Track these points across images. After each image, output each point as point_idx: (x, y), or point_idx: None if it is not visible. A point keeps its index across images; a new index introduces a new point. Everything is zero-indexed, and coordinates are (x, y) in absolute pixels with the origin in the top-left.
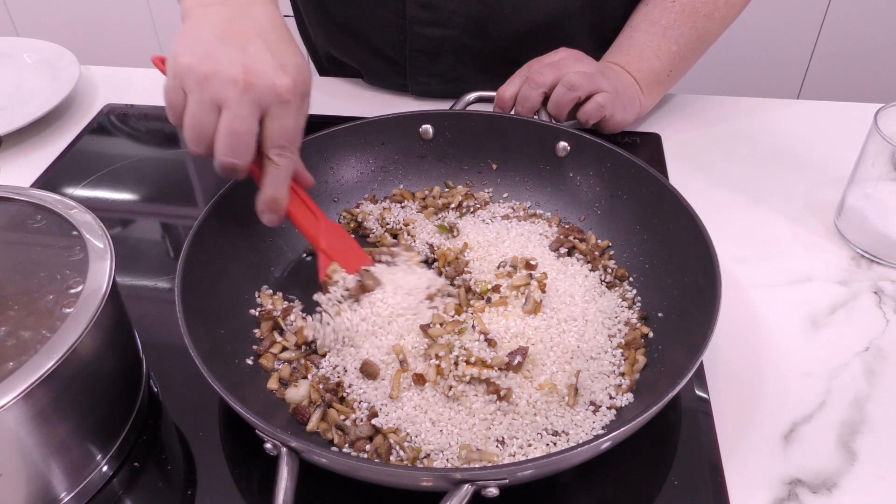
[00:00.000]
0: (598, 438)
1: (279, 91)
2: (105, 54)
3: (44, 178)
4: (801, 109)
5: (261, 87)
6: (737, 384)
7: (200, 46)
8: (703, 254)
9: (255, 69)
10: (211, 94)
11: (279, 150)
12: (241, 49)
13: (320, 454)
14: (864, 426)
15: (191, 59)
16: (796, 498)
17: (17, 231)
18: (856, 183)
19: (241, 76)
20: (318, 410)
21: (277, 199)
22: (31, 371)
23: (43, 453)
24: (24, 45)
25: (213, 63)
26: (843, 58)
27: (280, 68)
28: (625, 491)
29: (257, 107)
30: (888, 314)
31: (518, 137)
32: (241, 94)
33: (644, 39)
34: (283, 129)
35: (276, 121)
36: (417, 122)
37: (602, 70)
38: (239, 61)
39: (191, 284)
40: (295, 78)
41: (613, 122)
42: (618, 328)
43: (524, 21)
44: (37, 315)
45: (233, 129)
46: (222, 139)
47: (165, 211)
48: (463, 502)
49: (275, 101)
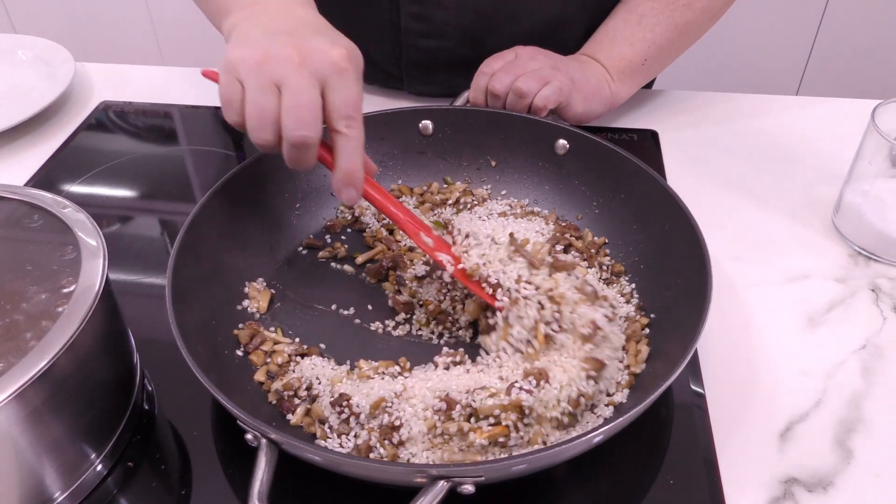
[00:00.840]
0: (588, 434)
1: (335, 60)
2: (101, 51)
3: (39, 176)
4: (800, 106)
5: (316, 59)
6: (733, 382)
7: (250, 42)
8: (697, 254)
9: (307, 46)
10: (269, 76)
11: (347, 121)
12: (291, 35)
13: (298, 446)
14: (861, 425)
15: (242, 51)
16: (792, 497)
17: (10, 230)
18: (853, 180)
19: (296, 54)
20: (303, 406)
21: (353, 171)
22: (23, 371)
23: (36, 453)
24: (20, 42)
25: (265, 49)
26: (842, 54)
27: (332, 42)
28: (620, 488)
29: (316, 78)
30: (885, 312)
31: (518, 135)
32: (297, 68)
33: (618, 27)
34: (347, 99)
35: (337, 91)
36: (417, 118)
37: (557, 64)
38: (290, 43)
39: (183, 275)
40: (349, 49)
41: (573, 112)
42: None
43: (519, 30)
44: (29, 314)
45: (297, 103)
46: (288, 116)
47: (162, 208)
48: (437, 499)
49: (333, 71)
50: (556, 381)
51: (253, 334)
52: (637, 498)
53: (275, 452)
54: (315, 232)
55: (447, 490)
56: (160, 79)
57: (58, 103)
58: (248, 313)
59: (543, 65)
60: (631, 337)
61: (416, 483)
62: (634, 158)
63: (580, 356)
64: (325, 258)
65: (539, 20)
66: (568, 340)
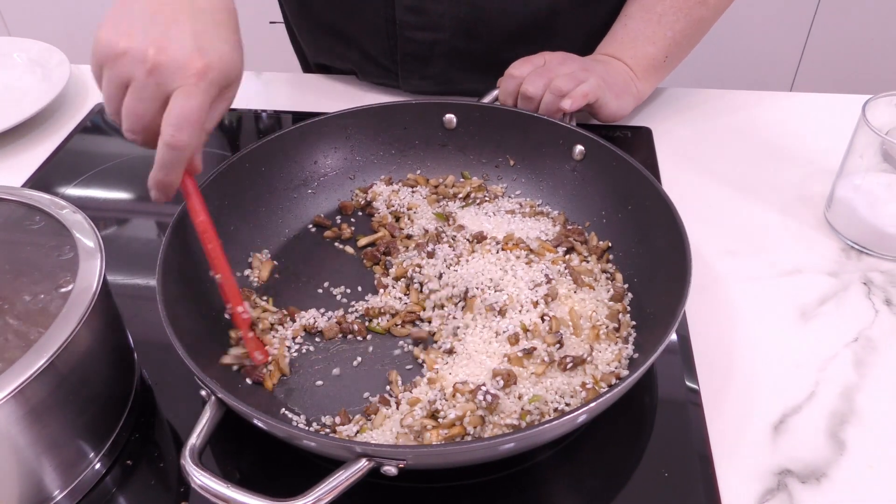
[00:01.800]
0: (568, 413)
1: (187, 73)
2: None
3: (35, 178)
4: (792, 102)
5: (168, 67)
6: (727, 375)
7: (125, 21)
8: (680, 275)
9: (168, 49)
10: (119, 72)
11: (173, 130)
12: (164, 28)
13: (241, 409)
14: (853, 416)
15: (110, 34)
16: (785, 488)
17: (8, 231)
18: (845, 175)
19: (152, 56)
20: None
21: (164, 181)
22: (22, 369)
23: (35, 451)
24: (15, 45)
25: (129, 39)
26: (836, 50)
27: (197, 51)
28: (614, 481)
29: (161, 89)
30: (877, 304)
31: (538, 136)
32: (146, 75)
33: (638, 27)
34: (182, 109)
35: (176, 100)
36: (442, 111)
37: (586, 66)
38: (154, 41)
39: (180, 240)
40: (210, 62)
41: (608, 111)
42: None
43: (514, 21)
44: (28, 314)
45: (131, 110)
46: (124, 118)
47: (157, 210)
48: (356, 476)
49: (182, 83)
50: (521, 388)
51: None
52: (631, 490)
53: (219, 412)
54: (327, 211)
55: (369, 469)
56: None
57: (53, 106)
58: (248, 281)
59: (573, 67)
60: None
61: (342, 457)
62: (643, 169)
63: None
64: (330, 238)
65: (533, 9)
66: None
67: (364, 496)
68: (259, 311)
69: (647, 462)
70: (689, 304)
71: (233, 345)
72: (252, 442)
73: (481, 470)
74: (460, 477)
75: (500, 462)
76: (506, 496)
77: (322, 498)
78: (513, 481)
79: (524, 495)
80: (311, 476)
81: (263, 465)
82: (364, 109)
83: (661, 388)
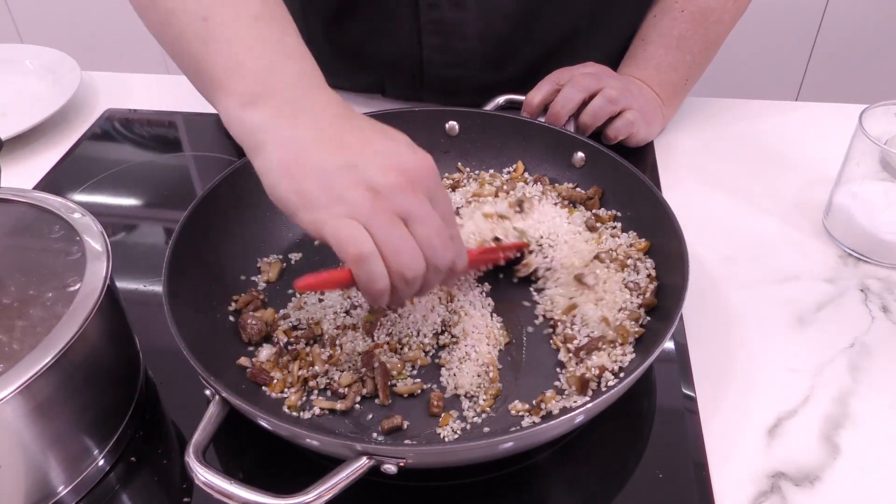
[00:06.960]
0: (569, 412)
1: (429, 167)
2: (106, 60)
3: (44, 182)
4: (791, 110)
5: (417, 173)
6: (723, 379)
7: (335, 177)
8: (679, 274)
9: (398, 160)
10: (390, 210)
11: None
12: (373, 149)
13: (245, 408)
14: (848, 421)
15: (349, 193)
16: (779, 491)
17: (18, 232)
18: (843, 183)
19: (396, 174)
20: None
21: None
22: (29, 365)
23: (41, 447)
24: (27, 52)
25: (364, 182)
26: (841, 59)
27: (409, 147)
28: (609, 484)
29: (427, 195)
30: (874, 311)
31: (540, 144)
32: (413, 193)
33: (659, 53)
34: (449, 208)
35: (440, 203)
36: (445, 118)
37: (629, 86)
38: (384, 164)
39: (190, 239)
40: (418, 147)
41: (638, 138)
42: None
43: (539, 49)
44: (36, 312)
45: (436, 229)
46: (431, 247)
47: (165, 215)
48: (356, 474)
49: (433, 181)
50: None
51: (249, 300)
52: (626, 492)
53: (223, 411)
54: None
55: (369, 467)
56: (164, 87)
57: (63, 111)
58: (255, 284)
59: (621, 84)
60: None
61: (343, 455)
62: (643, 175)
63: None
64: None
65: (556, 34)
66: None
67: (364, 495)
68: (262, 313)
69: (642, 463)
70: (687, 308)
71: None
72: (254, 440)
73: (481, 469)
74: (460, 476)
75: (500, 461)
76: (505, 495)
77: (323, 495)
78: (512, 480)
79: (523, 495)
80: (312, 474)
81: (266, 463)
82: (367, 116)
83: (658, 394)
